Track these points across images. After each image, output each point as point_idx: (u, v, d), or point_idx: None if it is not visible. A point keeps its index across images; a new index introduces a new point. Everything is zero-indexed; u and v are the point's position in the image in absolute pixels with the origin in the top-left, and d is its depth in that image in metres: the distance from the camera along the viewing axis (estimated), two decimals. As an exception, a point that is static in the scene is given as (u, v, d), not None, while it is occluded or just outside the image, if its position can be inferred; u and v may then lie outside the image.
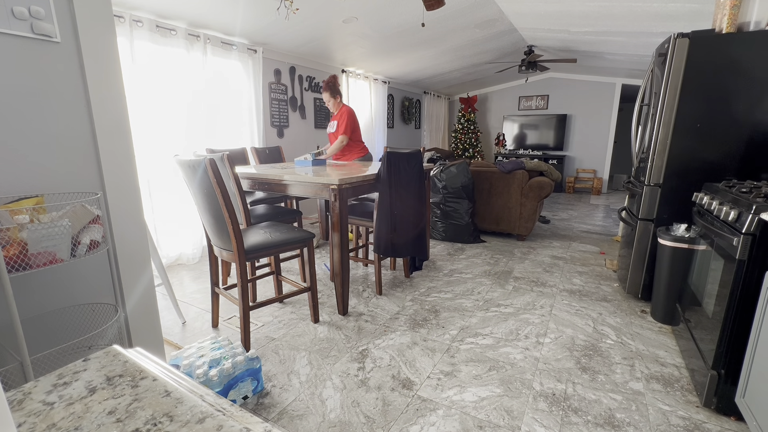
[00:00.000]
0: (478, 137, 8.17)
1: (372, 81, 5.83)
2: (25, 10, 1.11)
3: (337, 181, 2.09)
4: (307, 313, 2.37)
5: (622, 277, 2.71)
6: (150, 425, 0.38)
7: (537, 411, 1.53)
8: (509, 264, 3.29)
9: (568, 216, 5.32)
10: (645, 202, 2.36)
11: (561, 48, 5.40)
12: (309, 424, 1.47)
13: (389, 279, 2.95)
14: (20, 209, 1.04)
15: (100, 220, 1.21)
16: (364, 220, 2.67)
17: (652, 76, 2.46)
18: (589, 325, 2.22)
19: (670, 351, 1.96)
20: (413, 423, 1.47)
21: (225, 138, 3.69)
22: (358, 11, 3.49)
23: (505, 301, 2.54)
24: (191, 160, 1.76)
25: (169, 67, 3.12)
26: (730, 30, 2.14)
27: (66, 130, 1.24)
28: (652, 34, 3.82)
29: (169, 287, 2.26)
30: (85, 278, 1.32)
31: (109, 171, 1.34)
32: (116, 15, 2.75)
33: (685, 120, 2.17)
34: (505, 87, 8.17)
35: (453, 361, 1.88)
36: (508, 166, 3.88)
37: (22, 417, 0.39)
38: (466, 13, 3.92)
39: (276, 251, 1.96)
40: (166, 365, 0.48)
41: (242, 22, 3.35)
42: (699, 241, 1.92)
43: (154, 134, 3.06)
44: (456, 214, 3.86)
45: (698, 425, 1.46)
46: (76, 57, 1.24)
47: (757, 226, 1.32)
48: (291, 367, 1.83)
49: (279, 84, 4.35)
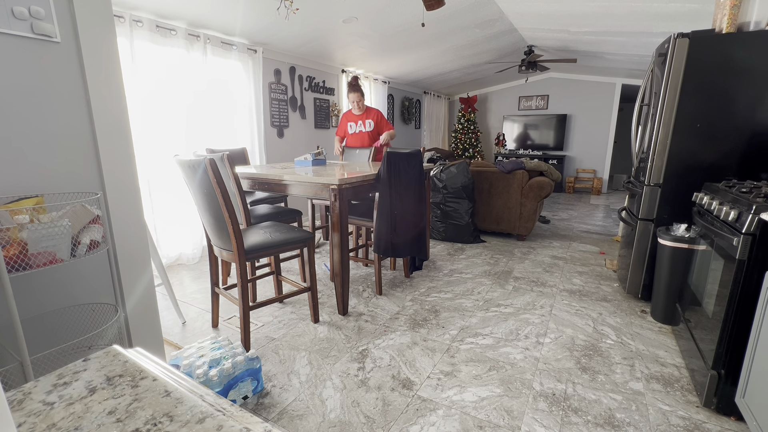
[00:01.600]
0: (478, 137, 8.17)
1: (372, 81, 5.83)
2: (25, 10, 1.11)
3: (337, 181, 2.09)
4: (307, 313, 2.37)
5: (622, 277, 2.71)
6: (150, 425, 0.38)
7: (537, 411, 1.53)
8: (509, 264, 3.29)
9: (568, 216, 5.32)
10: (645, 202, 2.36)
11: (561, 48, 5.40)
12: (309, 424, 1.47)
13: (389, 279, 2.95)
14: (20, 209, 1.04)
15: (100, 220, 1.21)
16: (364, 220, 2.67)
17: (652, 76, 2.46)
18: (589, 325, 2.22)
19: (670, 351, 1.96)
20: (413, 423, 1.47)
21: (225, 138, 3.69)
22: (358, 11, 3.49)
23: (505, 301, 2.55)
24: (191, 160, 1.76)
25: (169, 67, 3.12)
26: (730, 30, 2.14)
27: (66, 129, 1.24)
28: (652, 34, 3.82)
29: (169, 287, 2.26)
30: (85, 278, 1.32)
31: (109, 171, 1.34)
32: (116, 15, 2.75)
33: (685, 120, 2.17)
34: (505, 87, 8.17)
35: (453, 361, 1.88)
36: (508, 166, 3.88)
37: (22, 417, 0.39)
38: (466, 13, 3.92)
39: (276, 251, 1.96)
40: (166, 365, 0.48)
41: (242, 22, 3.35)
42: (699, 241, 1.92)
43: (154, 134, 3.06)
44: (456, 214, 3.86)
45: (698, 425, 1.46)
46: (76, 57, 1.24)
47: (757, 226, 1.32)
48: (291, 367, 1.83)
49: (279, 84, 4.35)
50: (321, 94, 4.98)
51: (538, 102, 7.86)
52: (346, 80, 5.27)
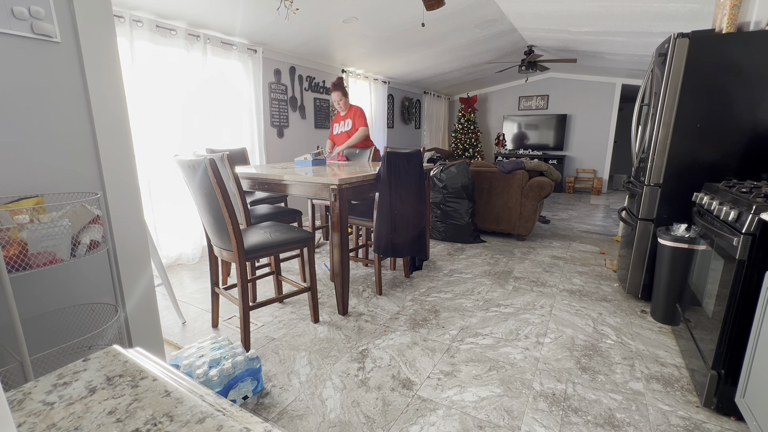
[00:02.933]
0: (478, 137, 8.17)
1: (372, 81, 5.83)
2: (25, 10, 1.11)
3: (337, 181, 2.09)
4: (307, 313, 2.37)
5: (622, 277, 2.71)
6: (150, 425, 0.38)
7: (537, 411, 1.53)
8: (509, 264, 3.29)
9: (568, 216, 5.32)
10: (645, 202, 2.36)
11: (561, 48, 5.40)
12: (309, 424, 1.47)
13: (389, 279, 2.95)
14: (20, 209, 1.04)
15: (100, 220, 1.21)
16: (364, 220, 2.67)
17: (652, 76, 2.46)
18: (589, 325, 2.22)
19: (670, 351, 1.96)
20: (413, 423, 1.47)
21: (225, 138, 3.69)
22: (358, 11, 3.49)
23: (505, 301, 2.54)
24: (191, 160, 1.76)
25: (169, 67, 3.12)
26: (730, 30, 2.14)
27: (66, 129, 1.24)
28: (652, 34, 3.82)
29: (169, 287, 2.26)
30: (85, 278, 1.33)
31: (109, 171, 1.34)
32: (116, 15, 2.75)
33: (685, 120, 2.17)
34: (505, 87, 8.17)
35: (453, 361, 1.88)
36: (508, 166, 3.88)
37: (22, 417, 0.39)
38: (466, 13, 3.92)
39: (276, 251, 1.96)
40: (166, 365, 0.48)
41: (242, 22, 3.35)
42: (699, 241, 1.92)
43: (154, 134, 3.06)
44: (456, 214, 3.86)
45: (698, 425, 1.46)
46: (76, 57, 1.24)
47: (757, 226, 1.32)
48: (291, 367, 1.83)
49: (279, 84, 4.34)
50: (321, 94, 4.98)
51: (538, 102, 7.86)
52: (346, 80, 5.27)
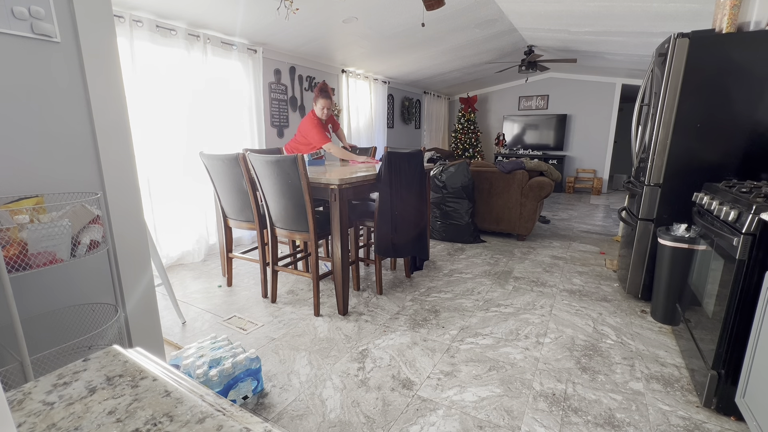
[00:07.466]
0: (478, 137, 8.16)
1: (372, 81, 5.83)
2: (25, 10, 1.11)
3: (337, 181, 2.09)
4: (308, 313, 2.37)
5: (622, 277, 2.71)
6: (150, 425, 0.38)
7: (537, 411, 1.53)
8: (509, 264, 3.29)
9: (568, 216, 5.32)
10: (645, 202, 2.36)
11: (561, 48, 5.39)
12: (309, 424, 1.47)
13: (389, 279, 2.95)
14: (20, 209, 1.04)
15: (100, 220, 1.21)
16: (363, 220, 2.67)
17: (652, 76, 2.46)
18: (589, 325, 2.22)
19: (670, 351, 1.96)
20: (413, 423, 1.47)
21: (225, 137, 3.68)
22: (358, 11, 3.49)
23: (505, 301, 2.54)
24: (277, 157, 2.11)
25: (169, 67, 3.11)
26: (730, 30, 2.14)
27: (66, 130, 1.24)
28: (652, 34, 3.82)
29: (169, 287, 2.26)
30: (85, 278, 1.32)
31: (109, 171, 1.34)
32: (116, 15, 2.75)
33: (685, 120, 2.17)
34: (505, 87, 8.17)
35: (453, 361, 1.88)
36: (508, 166, 3.87)
37: (22, 417, 0.39)
38: (466, 13, 3.92)
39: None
40: (166, 365, 0.48)
41: (242, 22, 3.35)
42: (699, 241, 1.92)
43: (153, 134, 3.06)
44: (456, 214, 3.86)
45: (698, 425, 1.46)
46: (76, 57, 1.24)
47: (757, 226, 1.32)
48: (291, 367, 1.83)
49: (279, 84, 4.34)
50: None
51: (538, 102, 7.85)
52: (346, 80, 5.27)
